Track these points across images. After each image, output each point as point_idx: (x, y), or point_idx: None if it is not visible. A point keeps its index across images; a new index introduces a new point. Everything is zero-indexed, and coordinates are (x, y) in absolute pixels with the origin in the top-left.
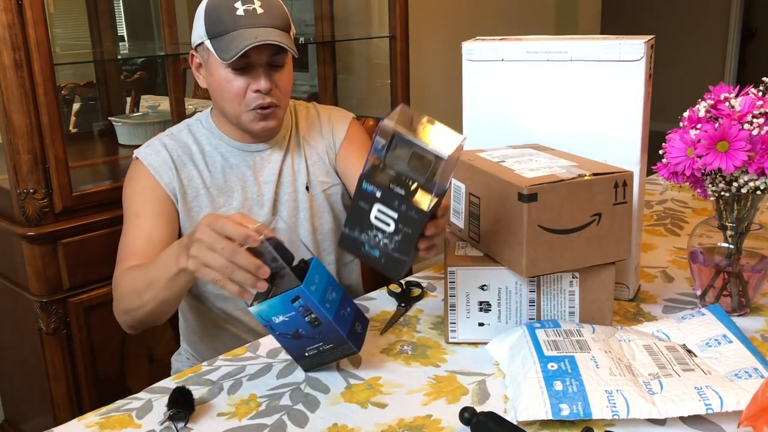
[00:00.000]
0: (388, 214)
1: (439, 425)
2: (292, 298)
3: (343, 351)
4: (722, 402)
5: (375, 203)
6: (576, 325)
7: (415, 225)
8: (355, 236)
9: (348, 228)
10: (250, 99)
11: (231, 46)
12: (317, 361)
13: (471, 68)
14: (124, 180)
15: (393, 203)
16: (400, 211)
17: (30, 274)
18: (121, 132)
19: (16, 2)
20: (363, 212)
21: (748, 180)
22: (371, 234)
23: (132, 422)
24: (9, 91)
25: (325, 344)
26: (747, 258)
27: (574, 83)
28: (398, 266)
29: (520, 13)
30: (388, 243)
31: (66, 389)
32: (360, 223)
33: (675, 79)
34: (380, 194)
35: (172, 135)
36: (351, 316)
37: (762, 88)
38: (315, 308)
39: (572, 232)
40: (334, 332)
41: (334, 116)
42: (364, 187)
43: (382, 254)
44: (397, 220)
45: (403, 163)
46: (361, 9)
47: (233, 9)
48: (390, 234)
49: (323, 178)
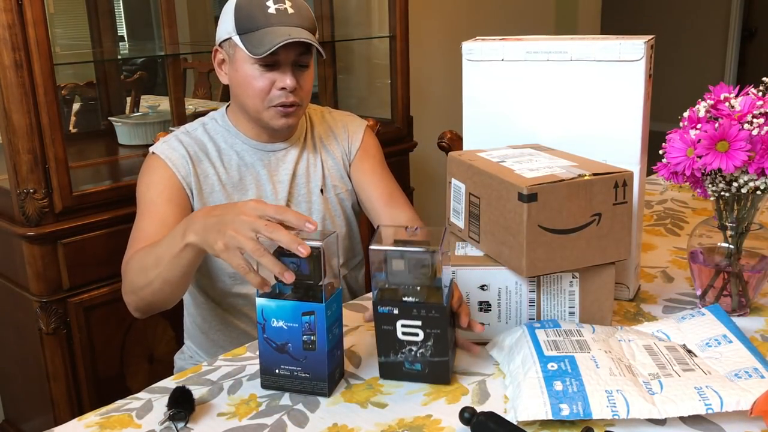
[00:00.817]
0: (413, 325)
1: (439, 425)
2: (306, 311)
3: (313, 387)
4: (722, 402)
5: (396, 321)
6: (576, 325)
7: (440, 323)
8: (392, 360)
9: (383, 356)
10: (274, 96)
11: (264, 42)
12: (281, 383)
13: (471, 68)
14: (139, 173)
15: (412, 313)
16: (421, 316)
17: (30, 274)
18: (121, 132)
19: (16, 2)
20: (389, 334)
21: (748, 180)
22: (406, 351)
23: (132, 422)
24: (9, 91)
25: (303, 371)
26: (747, 258)
27: (574, 83)
28: (442, 369)
29: (520, 13)
30: (425, 351)
31: (66, 389)
32: (392, 346)
33: (675, 79)
34: (398, 311)
35: (187, 132)
36: (338, 361)
37: (762, 88)
38: (320, 332)
39: (572, 232)
40: (320, 364)
41: (349, 124)
42: (381, 311)
43: (423, 365)
44: (422, 326)
45: (405, 273)
46: (361, 9)
47: (265, 7)
48: (422, 342)
49: (338, 182)
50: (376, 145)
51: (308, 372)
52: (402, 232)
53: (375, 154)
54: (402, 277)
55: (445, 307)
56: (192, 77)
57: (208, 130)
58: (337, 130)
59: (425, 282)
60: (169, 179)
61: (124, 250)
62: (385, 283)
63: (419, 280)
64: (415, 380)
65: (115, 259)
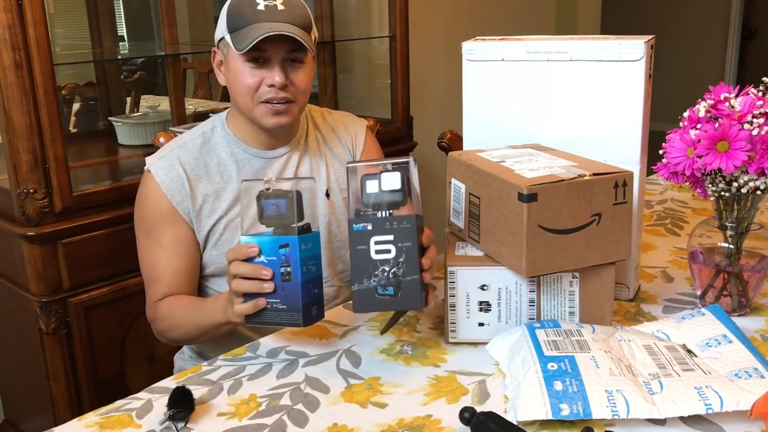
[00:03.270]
0: (385, 240)
1: (439, 425)
2: (282, 243)
3: (290, 318)
4: (722, 402)
5: (370, 237)
6: (576, 325)
7: (411, 234)
8: (365, 286)
9: (356, 283)
10: (263, 92)
11: (248, 37)
12: (262, 318)
13: (471, 68)
14: (137, 192)
15: (384, 226)
16: (393, 229)
17: (30, 274)
18: (121, 132)
19: (16, 2)
20: (363, 254)
21: (748, 180)
22: (378, 273)
23: (132, 422)
24: (9, 91)
25: (281, 303)
26: (747, 258)
27: (574, 83)
28: (414, 289)
29: (520, 13)
30: (396, 270)
31: (66, 389)
32: (365, 268)
33: (675, 79)
34: (371, 226)
35: (185, 145)
36: (315, 297)
37: (762, 88)
38: (294, 263)
39: (572, 232)
40: (295, 295)
41: (350, 125)
42: (356, 228)
43: (396, 288)
44: (395, 240)
45: (378, 192)
46: (361, 9)
47: (255, 4)
48: (394, 259)
49: (344, 185)
50: (377, 145)
51: (285, 303)
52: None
53: (376, 153)
54: (376, 195)
55: (414, 217)
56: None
57: (208, 140)
58: (340, 132)
59: (397, 196)
60: (167, 211)
61: (124, 250)
62: (359, 202)
63: (391, 195)
64: (388, 307)
65: (115, 260)
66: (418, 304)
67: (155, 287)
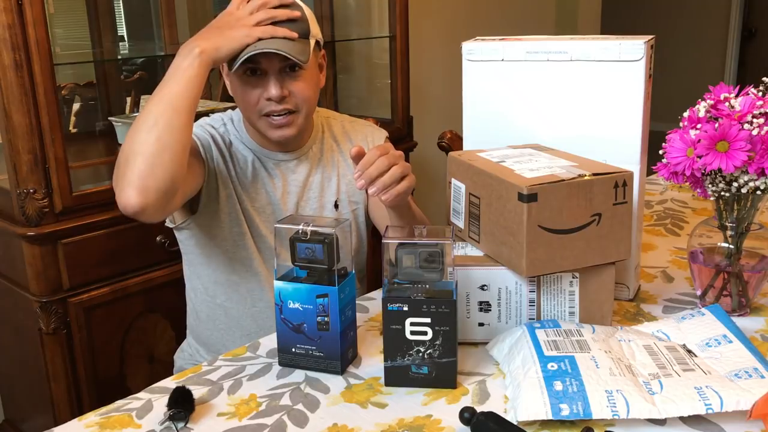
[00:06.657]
0: (422, 323)
1: (439, 425)
2: (320, 293)
3: (327, 365)
4: (722, 402)
5: (406, 319)
6: (576, 325)
7: (450, 319)
8: (398, 363)
9: (389, 360)
10: (263, 105)
11: (238, 55)
12: (297, 362)
13: (471, 68)
14: None
15: (422, 309)
16: (431, 312)
17: (30, 274)
18: (121, 132)
19: (16, 2)
20: (397, 334)
21: (748, 180)
22: (413, 352)
23: (132, 422)
24: (9, 91)
25: (318, 350)
26: (747, 258)
27: (574, 83)
28: (449, 372)
29: (520, 13)
30: (432, 352)
31: (66, 389)
32: (399, 347)
33: (675, 79)
34: (407, 307)
35: (211, 125)
36: (351, 341)
37: (762, 88)
38: (333, 314)
39: (572, 232)
40: (334, 344)
41: (369, 134)
42: (390, 308)
43: (430, 368)
44: (431, 324)
45: (414, 268)
46: (361, 9)
47: None
48: (430, 341)
49: (355, 197)
50: None
51: (322, 351)
52: (410, 230)
53: None
54: (410, 272)
55: (454, 302)
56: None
57: (228, 131)
58: (359, 142)
59: (434, 278)
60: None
61: (124, 250)
62: (394, 278)
63: (429, 275)
64: (421, 386)
65: (115, 260)
66: (452, 384)
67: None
